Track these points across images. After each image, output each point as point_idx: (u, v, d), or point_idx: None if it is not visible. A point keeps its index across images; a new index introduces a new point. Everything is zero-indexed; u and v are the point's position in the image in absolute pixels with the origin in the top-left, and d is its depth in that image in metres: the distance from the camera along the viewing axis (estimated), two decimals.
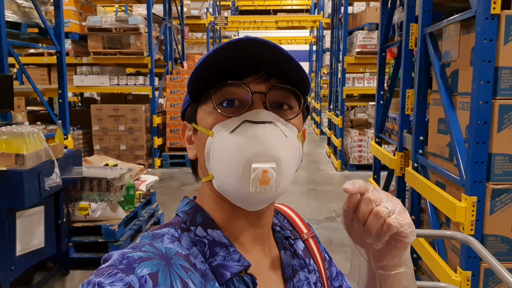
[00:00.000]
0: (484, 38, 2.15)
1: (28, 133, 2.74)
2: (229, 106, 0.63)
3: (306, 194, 6.32)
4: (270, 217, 0.71)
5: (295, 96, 0.65)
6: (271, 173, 0.59)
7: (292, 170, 0.64)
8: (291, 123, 0.64)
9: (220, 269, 0.61)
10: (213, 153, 0.62)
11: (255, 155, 0.58)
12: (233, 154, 0.59)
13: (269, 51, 0.59)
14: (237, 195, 0.61)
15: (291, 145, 0.63)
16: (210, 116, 0.64)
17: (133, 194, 4.15)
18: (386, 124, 4.58)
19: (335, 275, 0.84)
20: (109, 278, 0.53)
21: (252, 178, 0.58)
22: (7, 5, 3.96)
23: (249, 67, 0.63)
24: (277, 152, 0.59)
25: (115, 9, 12.40)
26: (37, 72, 8.28)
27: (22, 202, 2.71)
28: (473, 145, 2.24)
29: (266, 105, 0.62)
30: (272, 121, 0.61)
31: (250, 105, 0.62)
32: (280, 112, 0.64)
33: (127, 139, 7.83)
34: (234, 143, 0.59)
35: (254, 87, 0.62)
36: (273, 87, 0.63)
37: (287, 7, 18.80)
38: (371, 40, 7.16)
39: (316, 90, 14.82)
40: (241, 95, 0.62)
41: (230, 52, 0.59)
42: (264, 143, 0.59)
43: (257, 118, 0.60)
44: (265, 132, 0.59)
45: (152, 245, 0.60)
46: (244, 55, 0.60)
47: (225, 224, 0.67)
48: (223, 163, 0.61)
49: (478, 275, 2.30)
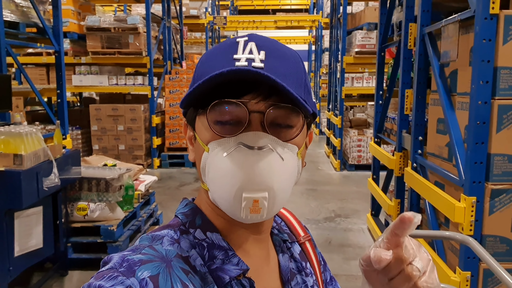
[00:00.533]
0: (483, 38, 2.15)
1: (26, 133, 2.73)
2: (225, 123, 0.60)
3: (305, 194, 6.32)
4: (270, 223, 0.71)
5: (296, 114, 0.61)
6: (262, 202, 0.58)
7: (287, 192, 0.62)
8: (291, 142, 0.62)
9: (219, 272, 0.61)
10: (208, 169, 0.61)
11: (246, 184, 0.57)
12: (225, 179, 0.58)
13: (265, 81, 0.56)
14: (230, 215, 0.61)
15: (288, 167, 0.60)
16: (207, 131, 0.62)
17: (132, 194, 4.14)
18: (385, 124, 4.58)
19: (329, 280, 0.84)
20: (109, 281, 0.52)
21: (243, 206, 0.58)
22: (5, 5, 3.95)
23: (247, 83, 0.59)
24: (270, 181, 0.58)
25: (114, 8, 12.38)
26: (36, 72, 8.26)
27: (20, 203, 2.70)
28: (472, 145, 2.23)
29: (263, 125, 0.59)
30: (269, 145, 0.58)
31: (247, 125, 0.59)
32: (279, 131, 0.61)
33: (126, 139, 7.82)
34: (228, 167, 0.58)
35: (253, 106, 0.59)
36: (273, 106, 0.59)
37: (286, 7, 18.79)
38: (370, 40, 7.15)
39: (315, 90, 14.82)
40: (238, 114, 0.59)
41: (222, 79, 0.57)
42: (257, 172, 0.57)
43: (253, 143, 0.58)
44: (259, 160, 0.57)
45: (152, 248, 0.60)
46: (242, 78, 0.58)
47: (222, 229, 0.66)
48: (216, 185, 0.60)
49: (477, 275, 2.30)
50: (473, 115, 2.22)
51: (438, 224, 2.90)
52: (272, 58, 0.59)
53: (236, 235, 0.67)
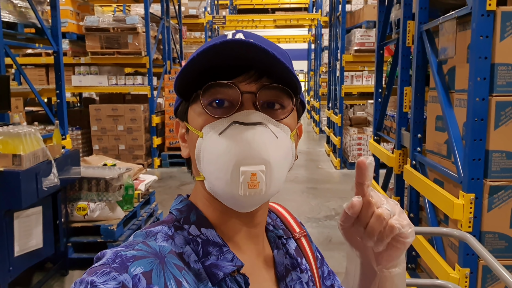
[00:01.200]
0: (480, 34, 2.15)
1: (25, 134, 2.73)
2: (219, 106, 0.61)
3: (305, 193, 6.32)
4: (264, 216, 0.71)
5: (287, 95, 0.63)
6: (260, 176, 0.58)
7: (283, 171, 0.63)
8: (283, 122, 0.63)
9: (213, 268, 0.61)
10: (203, 154, 0.61)
11: (243, 158, 0.58)
12: (222, 157, 0.59)
13: (254, 52, 0.57)
14: (227, 197, 0.61)
15: (282, 146, 0.62)
16: (200, 116, 0.63)
17: (132, 194, 4.15)
18: (385, 122, 4.58)
19: (327, 274, 0.83)
20: (102, 277, 0.52)
21: (241, 181, 0.58)
22: (3, 5, 3.95)
23: (239, 66, 0.61)
24: (267, 155, 0.59)
25: (113, 9, 12.38)
26: (35, 72, 8.27)
27: (20, 203, 2.70)
28: (470, 142, 2.23)
29: (256, 105, 0.61)
30: (262, 122, 0.60)
31: (240, 106, 0.61)
32: (271, 112, 0.62)
33: (126, 139, 7.83)
34: (223, 145, 0.59)
35: (244, 87, 0.61)
36: (264, 86, 0.61)
37: (285, 6, 18.79)
38: (369, 38, 7.15)
39: (315, 89, 14.81)
40: (231, 95, 0.61)
41: (215, 54, 0.58)
42: (253, 146, 0.58)
43: (247, 120, 0.59)
44: (254, 134, 0.58)
45: (145, 244, 0.59)
46: (232, 55, 0.59)
47: (218, 223, 0.66)
48: (212, 165, 0.60)
49: (476, 272, 2.30)
50: (471, 112, 2.22)
51: (437, 221, 2.90)
52: (262, 43, 0.59)
53: (231, 230, 0.67)
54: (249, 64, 0.61)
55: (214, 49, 0.57)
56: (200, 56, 0.58)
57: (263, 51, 0.56)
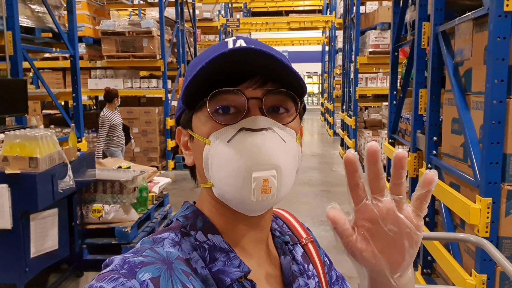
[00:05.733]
0: (497, 35, 2.11)
1: (41, 136, 2.77)
2: (225, 113, 0.61)
3: (319, 196, 6.28)
4: (269, 219, 0.71)
5: (292, 99, 0.63)
6: (272, 181, 0.58)
7: (292, 174, 0.63)
8: (289, 126, 0.63)
9: (220, 274, 0.61)
10: (212, 161, 0.61)
11: (255, 164, 0.58)
12: (233, 164, 0.59)
13: (262, 59, 0.57)
14: (238, 203, 0.61)
15: (291, 149, 0.62)
16: (206, 124, 0.63)
17: (146, 196, 4.18)
18: (400, 124, 4.53)
19: (335, 279, 0.82)
20: (110, 283, 0.52)
21: (253, 187, 0.58)
22: (21, 11, 4.03)
23: (244, 72, 0.61)
24: (277, 160, 0.59)
25: (128, 13, 12.54)
26: (53, 76, 8.40)
27: (36, 205, 2.74)
28: (487, 145, 2.19)
29: (262, 110, 0.61)
30: (270, 127, 0.60)
31: (247, 112, 0.61)
32: (277, 116, 0.63)
33: (141, 141, 7.89)
34: (233, 152, 0.59)
35: (250, 93, 0.61)
36: (270, 91, 0.61)
37: (299, 8, 18.75)
38: (383, 40, 7.09)
39: (329, 91, 14.74)
40: (237, 102, 0.61)
41: (223, 61, 0.58)
42: (263, 152, 0.58)
43: (255, 126, 0.59)
44: (263, 139, 0.59)
45: (153, 250, 0.60)
46: (238, 61, 0.59)
47: (225, 229, 0.66)
48: (222, 172, 0.60)
49: (494, 278, 2.25)
50: (488, 114, 2.18)
51: (453, 226, 2.85)
52: (264, 49, 0.59)
53: (238, 235, 0.66)
54: (253, 70, 0.61)
55: (223, 57, 0.57)
56: (210, 65, 0.58)
57: (270, 57, 0.57)
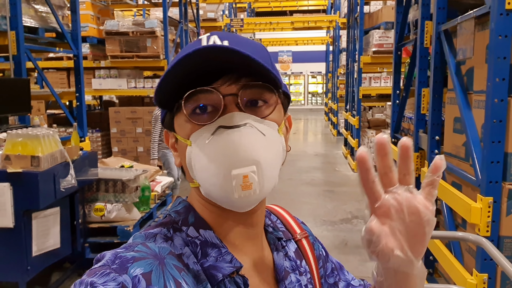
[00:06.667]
0: (499, 34, 2.10)
1: (43, 135, 2.79)
2: (202, 112, 0.61)
3: (321, 196, 6.28)
4: (261, 215, 0.70)
5: (268, 90, 0.62)
6: (252, 177, 0.58)
7: (275, 167, 0.62)
8: (268, 118, 0.63)
9: (212, 270, 0.61)
10: (194, 162, 0.61)
11: (233, 161, 0.58)
12: (212, 163, 0.59)
13: (227, 55, 0.57)
14: (224, 201, 0.61)
15: (271, 142, 0.62)
16: (186, 125, 0.63)
17: (148, 195, 4.19)
18: (402, 124, 4.51)
19: (330, 271, 0.82)
20: (102, 278, 0.52)
21: (234, 185, 0.58)
22: (25, 10, 4.05)
23: (217, 70, 0.61)
24: (256, 155, 0.58)
25: (133, 13, 12.58)
26: (57, 75, 8.45)
27: (38, 203, 2.76)
28: (488, 144, 2.18)
29: (239, 106, 0.61)
30: (247, 122, 0.60)
31: (223, 109, 0.60)
32: (255, 109, 0.62)
33: (145, 141, 7.91)
34: (212, 151, 0.59)
35: (225, 89, 0.61)
36: (244, 86, 0.61)
37: (304, 8, 18.72)
38: (387, 39, 7.06)
39: (332, 91, 14.72)
40: (213, 100, 0.61)
41: (190, 62, 0.58)
42: (241, 148, 0.58)
43: (231, 122, 0.59)
44: (240, 136, 0.58)
45: (145, 245, 0.60)
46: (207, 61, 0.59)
47: (215, 225, 0.66)
48: (204, 172, 0.60)
49: (495, 277, 2.24)
50: (489, 113, 2.16)
51: (455, 226, 2.84)
52: (236, 44, 0.59)
53: (229, 231, 0.66)
54: (226, 67, 0.61)
55: (187, 58, 0.56)
56: (175, 67, 0.57)
57: (235, 53, 0.56)
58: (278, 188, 0.65)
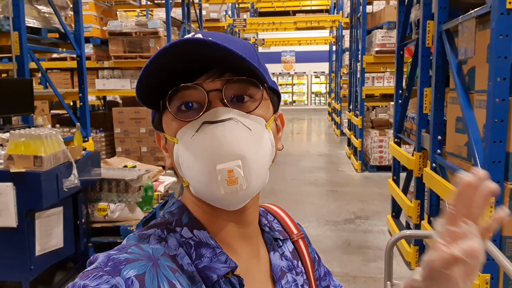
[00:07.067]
0: (500, 33, 2.09)
1: (46, 135, 2.80)
2: (188, 109, 0.61)
3: (324, 196, 6.27)
4: (255, 214, 0.69)
5: (253, 85, 0.62)
6: (237, 171, 0.57)
7: (263, 162, 0.61)
8: (254, 113, 0.62)
9: (206, 271, 0.60)
10: (182, 160, 0.61)
11: (217, 156, 0.57)
12: (198, 159, 0.58)
13: (206, 48, 0.56)
14: (212, 198, 0.61)
15: (258, 137, 0.61)
16: (172, 123, 0.62)
17: (151, 195, 4.20)
18: (405, 123, 4.51)
19: (323, 275, 0.82)
20: (94, 281, 0.52)
21: (219, 180, 0.57)
22: (28, 11, 4.07)
23: (200, 66, 0.60)
24: (240, 149, 0.58)
25: (136, 13, 12.60)
26: (60, 76, 8.48)
27: (41, 203, 2.77)
28: (490, 144, 2.18)
29: (224, 101, 0.60)
30: (232, 117, 0.59)
31: (208, 105, 0.60)
32: (241, 105, 0.62)
33: (148, 141, 7.93)
34: (197, 147, 0.58)
35: (208, 85, 0.60)
36: (228, 81, 0.60)
37: (306, 8, 18.72)
38: (390, 39, 7.05)
39: (336, 91, 14.69)
40: (197, 96, 0.60)
41: (169, 58, 0.57)
42: (225, 143, 0.57)
43: (215, 118, 0.59)
44: (224, 130, 0.58)
45: (138, 246, 0.59)
46: (187, 56, 0.58)
47: (209, 225, 0.65)
48: (191, 170, 0.60)
49: (497, 278, 2.23)
50: (490, 113, 2.16)
51: None
52: (219, 40, 0.57)
53: (223, 231, 0.66)
54: (209, 63, 0.60)
55: (165, 52, 0.56)
56: (153, 62, 0.57)
57: (214, 45, 0.55)
58: (281, 188, 0.65)
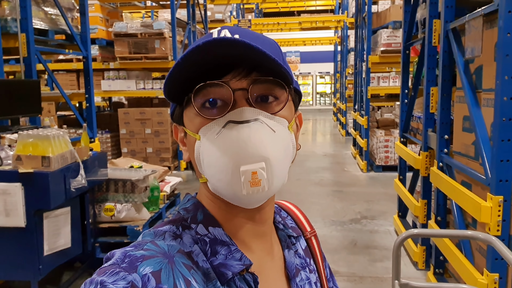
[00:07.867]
0: (508, 32, 2.08)
1: (53, 136, 2.82)
2: (212, 107, 0.60)
3: (330, 196, 6.26)
4: (270, 212, 0.69)
5: (279, 86, 0.61)
6: (260, 173, 0.57)
7: (285, 165, 0.62)
8: (279, 115, 0.62)
9: (221, 268, 0.61)
10: (203, 157, 0.61)
11: (242, 157, 0.57)
12: (221, 159, 0.58)
13: (239, 48, 0.56)
14: (231, 197, 0.61)
15: (281, 139, 0.61)
16: (195, 119, 0.62)
17: (158, 195, 4.21)
18: (411, 123, 4.49)
19: (330, 275, 0.83)
20: (111, 277, 0.52)
21: (242, 181, 0.57)
22: (35, 13, 4.10)
23: (228, 63, 0.60)
24: (265, 151, 0.57)
25: (141, 15, 12.65)
26: (67, 77, 8.53)
27: (49, 203, 2.79)
28: (498, 142, 2.17)
29: (249, 101, 0.60)
30: (257, 117, 0.59)
31: (233, 104, 0.60)
32: (265, 105, 0.61)
33: (154, 141, 7.96)
34: (221, 146, 0.58)
35: (235, 84, 0.60)
36: (255, 81, 0.60)
37: (311, 8, 18.69)
38: (396, 39, 7.03)
39: (341, 91, 14.67)
40: (223, 94, 0.60)
41: (200, 55, 0.57)
42: (250, 144, 0.57)
43: (241, 118, 0.58)
44: (249, 131, 0.57)
45: (154, 243, 0.59)
46: (218, 54, 0.58)
47: (224, 222, 0.65)
48: (212, 168, 0.60)
49: (506, 277, 2.22)
50: (498, 111, 2.15)
51: (465, 225, 2.82)
52: (246, 38, 0.58)
53: (238, 228, 0.66)
54: (237, 61, 0.60)
55: (197, 51, 0.56)
56: (185, 60, 0.57)
57: (247, 46, 0.54)
58: (287, 189, 0.65)
